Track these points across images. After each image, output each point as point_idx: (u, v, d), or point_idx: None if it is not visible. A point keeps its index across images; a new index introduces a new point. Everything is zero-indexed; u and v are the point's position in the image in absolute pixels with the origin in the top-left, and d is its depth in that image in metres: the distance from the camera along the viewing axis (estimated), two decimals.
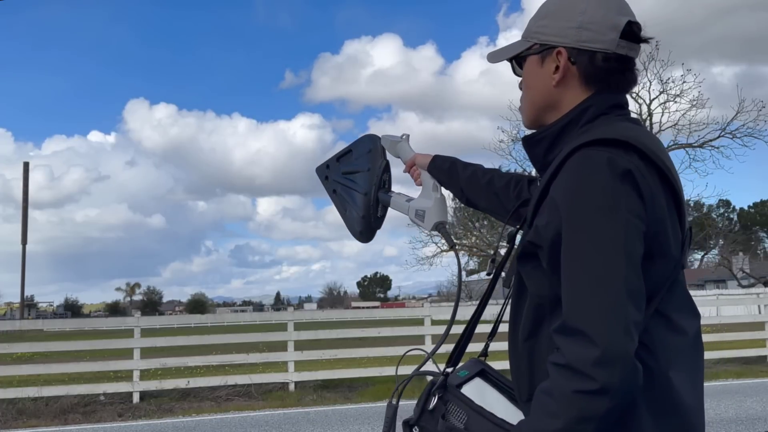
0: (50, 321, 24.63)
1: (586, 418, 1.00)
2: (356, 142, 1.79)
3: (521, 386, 1.22)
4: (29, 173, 48.21)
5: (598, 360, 0.99)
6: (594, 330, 1.00)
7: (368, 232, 1.73)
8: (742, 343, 11.79)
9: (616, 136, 1.09)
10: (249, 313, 18.71)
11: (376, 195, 1.70)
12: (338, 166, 1.78)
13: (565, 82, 1.23)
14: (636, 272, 1.04)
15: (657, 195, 1.09)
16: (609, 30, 1.19)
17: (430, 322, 10.58)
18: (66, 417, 8.39)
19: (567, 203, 1.07)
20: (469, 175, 1.62)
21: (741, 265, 41.87)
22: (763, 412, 7.30)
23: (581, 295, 1.03)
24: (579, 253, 1.05)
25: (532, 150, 1.30)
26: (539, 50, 1.26)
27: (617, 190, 1.04)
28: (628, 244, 1.04)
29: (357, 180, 1.72)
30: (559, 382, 1.03)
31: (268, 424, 7.53)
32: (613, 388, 0.99)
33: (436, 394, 1.23)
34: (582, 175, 1.07)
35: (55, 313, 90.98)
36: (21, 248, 46.28)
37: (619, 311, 1.01)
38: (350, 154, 1.77)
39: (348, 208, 1.73)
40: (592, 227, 1.04)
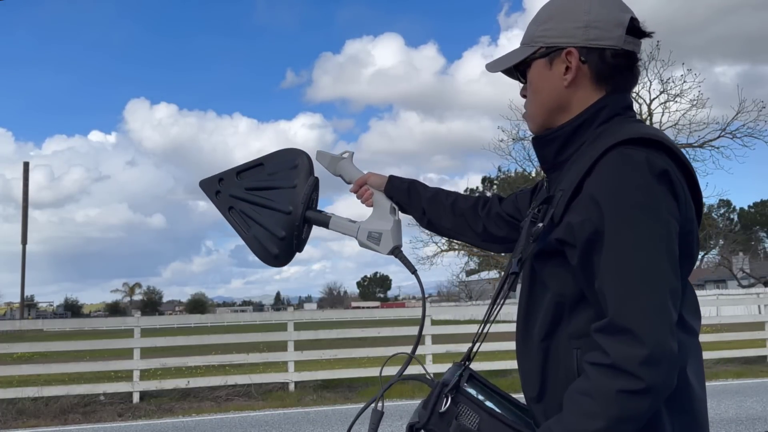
0: (50, 321, 24.65)
1: (628, 418, 1.00)
2: (272, 155, 1.63)
3: (532, 386, 1.21)
4: (29, 173, 48.18)
5: (645, 359, 0.99)
6: (643, 329, 1.00)
7: (286, 255, 1.58)
8: (742, 343, 11.79)
9: (648, 135, 1.09)
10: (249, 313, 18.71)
11: (304, 215, 1.55)
12: (239, 180, 1.61)
13: (576, 83, 1.23)
14: (676, 273, 1.05)
15: (688, 196, 1.11)
16: (615, 27, 1.20)
17: (430, 322, 10.59)
18: (66, 417, 8.39)
19: (610, 201, 1.06)
20: (431, 195, 1.60)
21: (741, 265, 41.88)
22: (763, 412, 7.30)
23: (629, 294, 1.03)
24: (626, 251, 1.04)
25: (542, 150, 1.28)
26: (546, 53, 1.25)
27: (657, 189, 1.05)
28: (670, 244, 1.05)
29: (274, 197, 1.57)
30: (602, 381, 1.02)
31: (268, 424, 7.53)
32: (656, 387, 0.99)
33: (449, 396, 1.20)
34: (623, 173, 1.07)
35: (55, 313, 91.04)
36: (21, 248, 46.29)
37: (665, 311, 1.02)
38: (261, 168, 1.62)
39: (254, 228, 1.57)
40: (637, 226, 1.04)
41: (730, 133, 22.33)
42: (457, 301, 58.72)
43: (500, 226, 1.55)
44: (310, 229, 1.63)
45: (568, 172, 1.18)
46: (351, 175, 1.66)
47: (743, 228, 56.30)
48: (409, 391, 9.39)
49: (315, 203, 1.62)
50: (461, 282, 58.88)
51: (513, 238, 1.48)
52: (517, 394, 1.30)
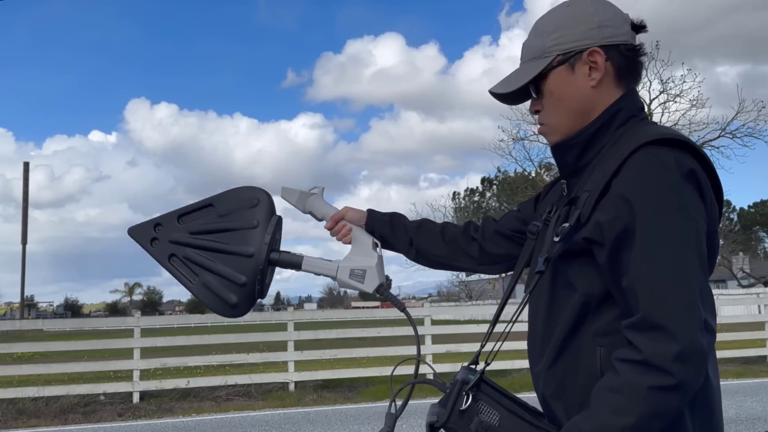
0: (50, 321, 24.65)
1: (658, 414, 1.01)
2: (222, 195, 1.48)
3: (551, 384, 1.22)
4: (29, 173, 48.14)
5: (677, 355, 1.00)
6: (675, 326, 1.01)
7: (247, 302, 1.44)
8: (742, 343, 11.79)
9: (674, 136, 1.11)
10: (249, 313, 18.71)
11: (268, 257, 1.41)
12: (181, 225, 1.46)
13: (602, 82, 1.24)
14: (705, 272, 1.07)
15: (713, 195, 1.12)
16: (623, 23, 1.24)
17: (430, 322, 10.58)
18: (66, 417, 8.39)
19: (642, 199, 1.07)
20: (417, 225, 1.59)
21: (741, 265, 41.88)
22: (763, 412, 7.31)
23: (662, 291, 1.04)
24: (659, 248, 1.05)
25: (563, 156, 1.29)
26: (564, 59, 1.25)
27: (686, 188, 1.07)
28: (698, 243, 1.06)
29: (229, 240, 1.42)
30: (633, 377, 1.03)
31: (268, 424, 7.53)
32: (686, 384, 1.01)
33: (470, 393, 1.20)
34: (654, 172, 1.08)
35: (55, 313, 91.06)
36: (21, 248, 46.30)
37: (696, 308, 1.03)
38: (209, 209, 1.46)
39: (203, 276, 1.42)
40: (670, 224, 1.05)
41: (730, 133, 22.36)
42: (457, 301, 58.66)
43: (500, 244, 1.54)
44: (273, 273, 1.53)
45: (592, 174, 1.19)
46: (323, 211, 1.56)
47: (743, 228, 56.32)
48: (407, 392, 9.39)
49: (278, 244, 1.49)
50: (461, 282, 58.89)
51: (514, 254, 1.48)
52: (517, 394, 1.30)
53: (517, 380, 9.40)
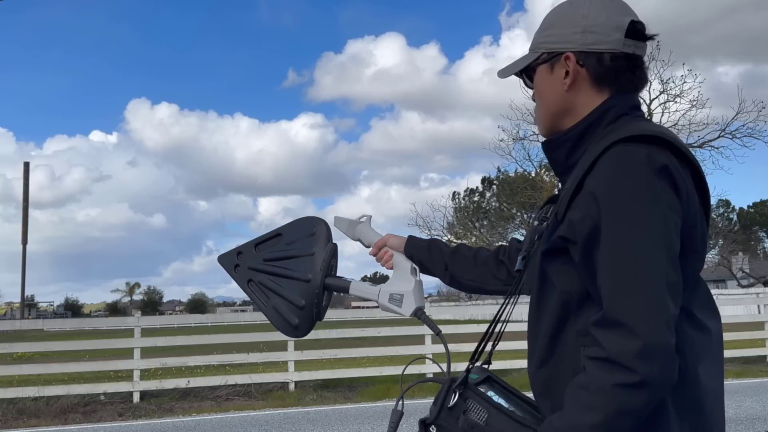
0: (50, 321, 24.67)
1: (626, 412, 1.00)
2: (288, 225, 1.63)
3: (537, 382, 1.22)
4: (30, 173, 48.18)
5: (639, 352, 0.99)
6: (636, 322, 1.01)
7: (307, 324, 1.55)
8: (741, 343, 11.78)
9: (650, 132, 1.11)
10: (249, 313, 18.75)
11: (323, 282, 1.53)
12: (257, 253, 1.60)
13: (576, 86, 1.26)
14: (675, 267, 1.06)
15: (691, 191, 1.11)
16: (613, 30, 1.23)
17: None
18: (66, 417, 8.39)
19: (608, 196, 1.08)
20: (452, 250, 1.62)
21: (741, 264, 41.90)
22: (763, 412, 7.31)
23: (623, 287, 1.04)
24: (621, 245, 1.05)
25: (552, 154, 1.31)
26: (547, 59, 1.29)
27: (656, 184, 1.06)
28: (668, 238, 1.05)
29: (293, 266, 1.55)
30: (598, 375, 1.03)
31: (268, 423, 7.54)
32: (653, 381, 1.00)
33: (457, 391, 1.23)
34: (622, 169, 1.08)
35: (55, 313, 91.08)
36: (21, 248, 46.31)
37: (660, 304, 1.02)
38: (279, 238, 1.60)
39: (273, 299, 1.55)
40: (634, 220, 1.05)
41: (730, 133, 22.37)
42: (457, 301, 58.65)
43: None
44: (330, 297, 1.62)
45: (574, 171, 1.21)
46: (370, 238, 1.65)
47: (743, 228, 56.29)
48: (409, 390, 9.39)
49: (334, 270, 1.60)
50: None
51: None
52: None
53: (517, 380, 9.40)
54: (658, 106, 22.99)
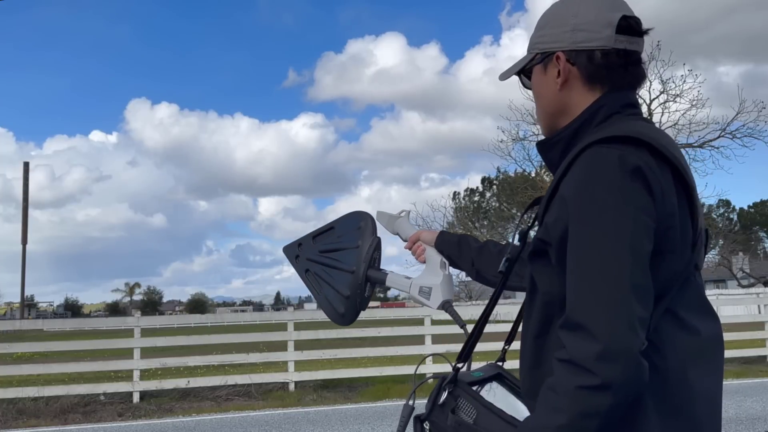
0: (50, 321, 24.67)
1: (590, 414, 1.00)
2: (340, 218, 1.72)
3: (525, 382, 1.23)
4: (29, 173, 48.12)
5: (599, 355, 0.99)
6: (596, 325, 1.00)
7: (352, 313, 1.64)
8: (742, 343, 11.78)
9: (626, 132, 1.10)
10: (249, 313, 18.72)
11: (366, 273, 1.62)
12: (314, 244, 1.70)
13: (568, 85, 1.26)
14: (642, 268, 1.04)
15: (668, 191, 1.09)
16: (603, 27, 1.22)
17: (430, 322, 10.58)
18: (66, 417, 8.39)
19: (575, 199, 1.08)
20: (480, 246, 1.65)
21: (741, 265, 41.89)
22: (763, 412, 7.31)
23: (584, 290, 1.04)
24: (584, 248, 1.05)
25: (547, 154, 1.31)
26: (541, 59, 1.29)
27: (626, 186, 1.05)
28: (635, 240, 1.04)
29: (341, 258, 1.64)
30: (563, 377, 1.03)
31: (268, 424, 7.53)
32: (615, 384, 0.98)
33: (447, 389, 1.25)
34: (591, 171, 1.08)
35: (55, 313, 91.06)
36: (21, 248, 46.28)
37: (622, 306, 1.01)
38: (332, 231, 1.70)
39: (325, 288, 1.65)
40: (598, 222, 1.05)
41: (730, 133, 22.32)
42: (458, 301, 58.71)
43: None
44: (373, 288, 1.68)
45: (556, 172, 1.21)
46: (406, 232, 1.72)
47: (743, 228, 56.29)
48: (409, 390, 9.38)
49: (377, 262, 1.67)
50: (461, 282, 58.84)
51: None
52: None
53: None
54: (658, 106, 22.98)
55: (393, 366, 10.54)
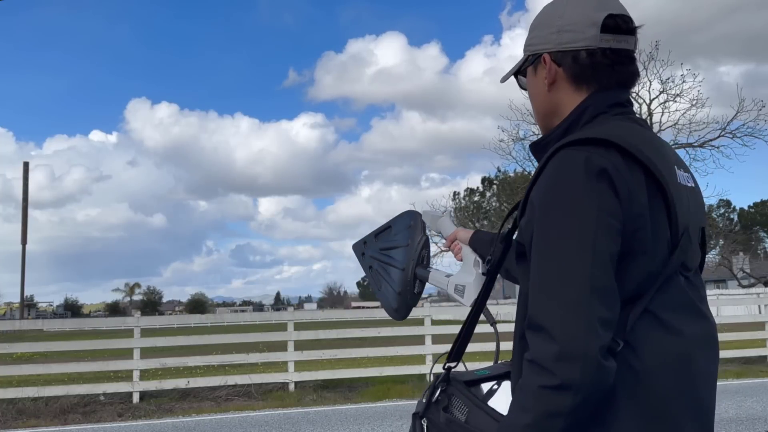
0: (50, 321, 24.66)
1: (553, 414, 1.01)
2: (396, 217, 1.80)
3: (513, 382, 1.24)
4: (29, 173, 48.13)
5: (557, 356, 1.00)
6: (553, 326, 1.02)
7: (404, 308, 1.71)
8: (742, 343, 11.79)
9: (596, 135, 1.11)
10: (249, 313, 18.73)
11: (414, 270, 1.68)
12: (376, 242, 1.79)
13: (556, 86, 1.27)
14: (605, 270, 1.04)
15: (637, 192, 1.08)
16: (588, 27, 1.22)
17: (430, 322, 10.58)
18: (66, 417, 8.39)
19: (540, 202, 1.10)
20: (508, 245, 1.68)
21: (741, 265, 41.89)
22: (763, 412, 7.30)
23: (543, 292, 1.06)
24: (546, 250, 1.07)
25: (539, 155, 1.32)
26: (532, 61, 1.31)
27: (590, 188, 1.06)
28: (597, 241, 1.04)
29: (395, 255, 1.71)
30: (528, 377, 1.05)
31: (268, 424, 7.53)
32: (574, 384, 0.99)
33: (440, 387, 1.27)
34: (557, 174, 1.10)
35: (55, 313, 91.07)
36: (21, 248, 46.28)
37: (580, 308, 1.01)
38: (389, 230, 1.78)
39: (383, 284, 1.73)
40: (559, 225, 1.06)
41: (730, 132, 22.31)
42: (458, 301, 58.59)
43: None
44: (422, 285, 1.73)
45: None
46: (447, 231, 1.75)
47: (743, 228, 56.29)
48: (409, 390, 9.39)
49: (425, 260, 1.72)
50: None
51: None
52: None
53: None
54: (658, 105, 22.99)
55: (393, 366, 10.54)
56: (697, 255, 1.21)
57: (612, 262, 1.05)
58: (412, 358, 11.15)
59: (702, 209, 1.25)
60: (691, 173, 1.26)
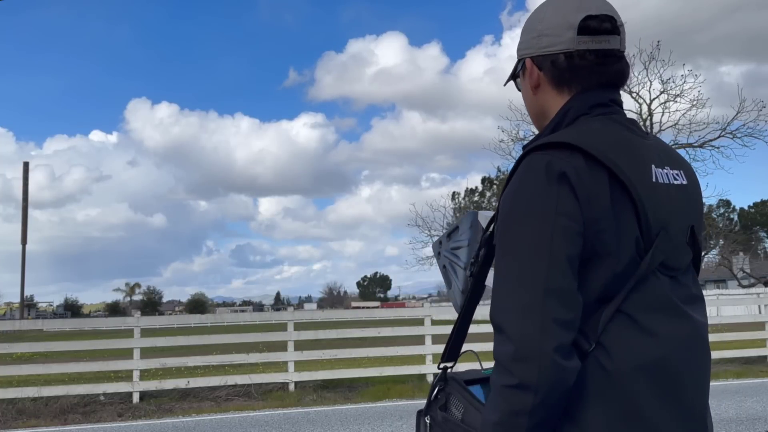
0: (50, 321, 24.61)
1: (516, 412, 1.03)
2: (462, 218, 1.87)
3: None
4: (29, 173, 48.13)
5: (513, 356, 1.03)
6: (510, 327, 1.05)
7: None
8: (742, 343, 11.81)
9: (560, 139, 1.12)
10: (249, 313, 18.73)
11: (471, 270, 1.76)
12: (448, 242, 1.86)
13: (541, 89, 1.29)
14: (561, 271, 1.05)
15: (598, 195, 1.08)
16: (565, 30, 1.22)
17: (431, 322, 10.58)
18: (66, 417, 8.39)
19: (503, 206, 1.14)
20: None
21: (741, 265, 41.88)
22: (763, 412, 7.30)
23: (502, 294, 1.08)
24: (503, 253, 1.11)
25: None
26: (520, 66, 1.33)
27: (549, 192, 1.08)
28: (554, 244, 1.06)
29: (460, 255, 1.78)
30: (494, 376, 1.08)
31: (268, 424, 7.53)
32: (531, 384, 1.02)
33: (438, 385, 1.29)
34: (519, 179, 1.12)
35: (55, 313, 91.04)
36: (21, 248, 46.26)
37: (535, 309, 1.04)
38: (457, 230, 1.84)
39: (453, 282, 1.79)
40: (516, 229, 1.09)
41: (730, 133, 22.32)
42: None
43: None
44: None
45: None
46: None
47: (743, 228, 56.24)
48: (409, 390, 9.39)
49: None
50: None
51: None
52: None
53: None
54: (659, 105, 22.99)
55: (393, 366, 10.54)
56: (686, 254, 1.19)
57: (570, 263, 1.06)
58: (412, 358, 11.15)
59: (695, 207, 1.23)
60: (686, 170, 1.24)
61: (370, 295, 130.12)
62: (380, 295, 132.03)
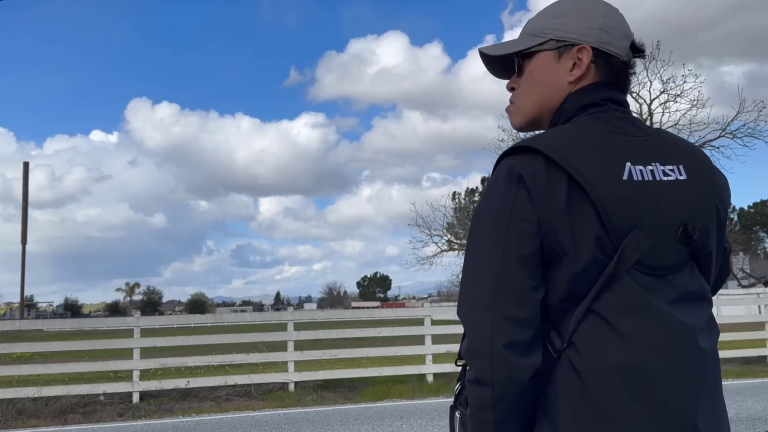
0: (50, 321, 24.65)
1: (480, 406, 1.09)
2: None
3: None
4: (29, 173, 48.15)
5: (468, 351, 1.10)
6: (466, 324, 1.12)
7: None
8: (742, 343, 11.80)
9: (526, 143, 1.15)
10: (249, 313, 18.72)
11: None
12: None
13: (579, 81, 1.24)
14: (514, 271, 1.08)
15: (553, 196, 1.09)
16: (623, 38, 1.25)
17: (431, 322, 10.58)
18: (66, 417, 8.39)
19: (475, 209, 1.19)
20: None
21: (741, 265, 41.89)
22: (763, 412, 7.30)
23: (462, 291, 1.15)
24: (466, 253, 1.17)
25: None
26: (557, 46, 1.25)
27: (507, 195, 1.12)
28: (509, 245, 1.09)
29: None
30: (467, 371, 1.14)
31: (268, 424, 7.53)
32: (486, 379, 1.07)
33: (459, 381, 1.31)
34: (489, 183, 1.18)
35: (55, 313, 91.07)
36: (21, 248, 46.27)
37: (487, 307, 1.08)
38: None
39: None
40: (479, 230, 1.15)
41: (731, 133, 22.35)
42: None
43: None
44: None
45: None
46: None
47: (743, 228, 56.22)
48: (409, 390, 9.39)
49: None
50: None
51: None
52: None
53: None
54: (659, 105, 23.00)
55: (393, 366, 10.54)
56: (676, 252, 1.14)
57: (523, 263, 1.09)
58: (412, 358, 11.15)
59: (696, 202, 1.17)
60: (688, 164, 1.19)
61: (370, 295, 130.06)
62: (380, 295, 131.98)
